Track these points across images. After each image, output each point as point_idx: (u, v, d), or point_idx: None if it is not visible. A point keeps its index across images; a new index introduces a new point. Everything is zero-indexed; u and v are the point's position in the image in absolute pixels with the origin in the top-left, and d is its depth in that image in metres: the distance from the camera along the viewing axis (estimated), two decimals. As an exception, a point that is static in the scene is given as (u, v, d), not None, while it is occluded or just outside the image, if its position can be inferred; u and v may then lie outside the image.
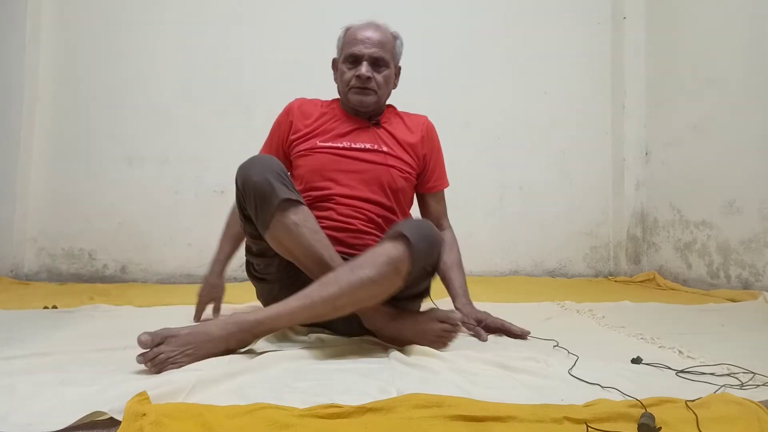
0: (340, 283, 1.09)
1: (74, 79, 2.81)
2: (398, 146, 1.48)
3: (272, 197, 1.13)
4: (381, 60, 1.44)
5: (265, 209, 1.15)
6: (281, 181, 1.16)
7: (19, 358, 1.09)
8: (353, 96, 1.44)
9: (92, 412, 0.75)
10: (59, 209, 2.76)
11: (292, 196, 1.16)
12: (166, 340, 1.00)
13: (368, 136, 1.46)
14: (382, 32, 1.46)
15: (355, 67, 1.43)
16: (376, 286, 1.10)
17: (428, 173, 1.54)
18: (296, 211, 1.15)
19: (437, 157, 1.56)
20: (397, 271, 1.10)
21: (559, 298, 2.07)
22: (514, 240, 3.08)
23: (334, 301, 1.08)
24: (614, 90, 3.19)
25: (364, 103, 1.45)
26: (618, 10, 3.17)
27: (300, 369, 1.03)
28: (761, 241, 2.30)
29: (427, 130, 1.54)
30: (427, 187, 1.55)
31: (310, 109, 1.51)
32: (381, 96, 1.47)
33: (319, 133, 1.46)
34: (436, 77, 3.04)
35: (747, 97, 2.39)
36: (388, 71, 1.46)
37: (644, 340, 1.37)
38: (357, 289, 1.08)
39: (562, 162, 3.16)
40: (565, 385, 0.95)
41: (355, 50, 1.43)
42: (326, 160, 1.42)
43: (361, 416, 0.76)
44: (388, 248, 1.11)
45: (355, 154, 1.42)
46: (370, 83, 1.42)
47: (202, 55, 2.88)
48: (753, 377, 1.00)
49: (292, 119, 1.49)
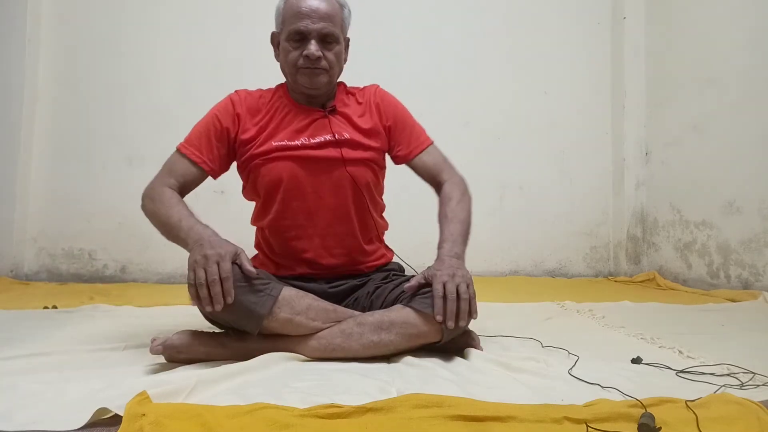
0: (363, 340, 1.08)
1: (74, 79, 2.81)
2: (358, 132, 1.32)
3: (252, 316, 1.05)
4: (330, 35, 1.25)
5: (247, 325, 1.07)
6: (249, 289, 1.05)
7: (20, 358, 1.10)
8: (302, 78, 1.26)
9: (97, 409, 0.75)
10: (59, 209, 2.76)
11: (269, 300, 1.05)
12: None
13: (325, 127, 1.30)
14: (328, 1, 1.26)
15: (301, 45, 1.24)
16: (397, 350, 1.10)
17: (400, 139, 1.37)
18: (281, 306, 1.07)
19: (403, 120, 1.38)
20: (424, 342, 1.11)
21: (559, 298, 2.07)
22: (514, 240, 3.08)
23: (354, 353, 1.09)
24: (614, 90, 3.19)
25: (314, 84, 1.27)
26: (618, 10, 3.17)
27: (300, 369, 1.03)
28: (761, 241, 2.30)
29: (380, 99, 1.37)
30: (406, 153, 1.37)
31: (255, 103, 1.34)
32: (333, 75, 1.30)
33: (272, 131, 1.29)
34: (436, 77, 3.04)
35: (747, 97, 2.39)
36: (339, 47, 1.28)
37: (644, 340, 1.37)
38: (378, 348, 1.09)
39: (562, 162, 3.16)
40: (565, 385, 0.95)
41: (300, 26, 1.23)
42: (287, 174, 1.26)
43: (361, 416, 0.76)
44: (421, 323, 1.08)
45: (315, 154, 1.27)
46: (320, 63, 1.24)
47: (202, 55, 2.88)
48: (753, 377, 1.00)
49: (239, 112, 1.31)
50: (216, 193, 2.68)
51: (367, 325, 1.09)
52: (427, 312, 1.08)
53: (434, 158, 1.37)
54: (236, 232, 1.33)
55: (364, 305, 1.27)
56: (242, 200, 1.43)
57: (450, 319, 1.06)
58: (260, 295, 1.06)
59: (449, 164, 1.39)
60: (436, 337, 1.10)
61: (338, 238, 1.32)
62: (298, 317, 1.08)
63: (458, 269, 1.13)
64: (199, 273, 1.02)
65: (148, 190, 1.27)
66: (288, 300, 1.08)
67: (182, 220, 1.16)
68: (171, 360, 1.07)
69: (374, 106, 1.36)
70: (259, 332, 1.08)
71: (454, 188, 1.32)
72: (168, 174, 1.28)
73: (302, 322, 1.08)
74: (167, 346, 1.06)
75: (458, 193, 1.31)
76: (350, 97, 1.38)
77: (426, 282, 1.13)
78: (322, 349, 1.09)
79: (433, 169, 1.36)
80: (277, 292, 1.08)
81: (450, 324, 1.06)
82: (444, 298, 1.07)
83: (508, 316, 1.71)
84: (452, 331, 1.10)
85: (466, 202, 1.31)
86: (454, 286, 1.08)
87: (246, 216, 1.43)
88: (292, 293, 1.10)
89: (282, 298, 1.07)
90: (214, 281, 1.01)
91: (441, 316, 1.06)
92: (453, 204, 1.28)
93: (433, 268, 1.14)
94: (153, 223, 1.23)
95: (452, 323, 1.06)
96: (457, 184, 1.34)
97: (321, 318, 1.10)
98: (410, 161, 1.37)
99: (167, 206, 1.20)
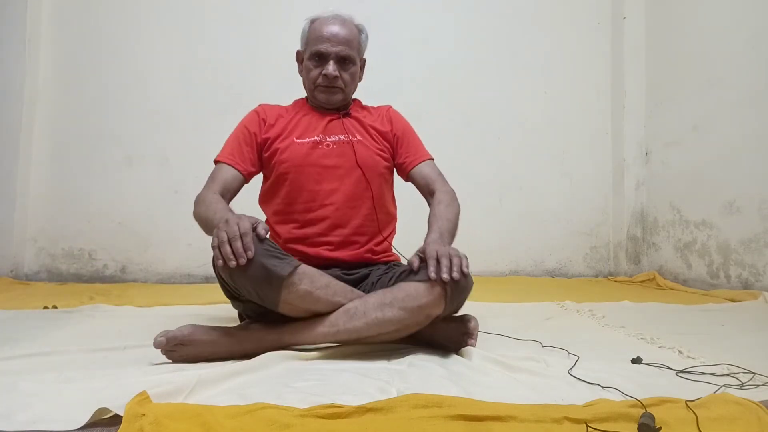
0: (367, 318, 1.10)
1: (74, 79, 2.81)
2: (368, 135, 1.47)
3: (272, 280, 1.07)
4: (348, 58, 1.42)
5: (268, 294, 1.09)
6: (270, 254, 1.09)
7: (20, 358, 1.10)
8: (320, 95, 1.44)
9: (97, 409, 0.75)
10: (59, 209, 2.76)
11: (289, 267, 1.09)
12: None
13: (339, 127, 1.45)
14: (347, 28, 1.43)
15: (321, 65, 1.42)
16: (402, 327, 1.12)
17: (403, 151, 1.50)
18: (301, 278, 1.10)
19: (408, 134, 1.52)
20: (428, 317, 1.12)
21: (559, 298, 2.07)
22: (514, 240, 3.08)
23: (359, 332, 1.11)
24: (614, 90, 3.19)
25: (330, 101, 1.45)
26: (618, 10, 3.18)
27: (300, 369, 1.03)
28: (761, 241, 2.30)
29: (391, 116, 1.53)
30: (406, 164, 1.49)
31: (277, 112, 1.50)
32: (348, 93, 1.47)
33: (292, 129, 1.44)
34: (436, 77, 3.04)
35: (747, 98, 2.39)
36: (354, 68, 1.46)
37: (644, 340, 1.37)
38: (383, 326, 1.11)
39: (562, 162, 3.16)
40: (565, 385, 0.95)
41: (321, 48, 1.40)
42: (306, 160, 1.39)
43: (361, 416, 0.76)
44: (422, 292, 1.10)
45: (331, 148, 1.41)
46: (336, 82, 1.42)
47: (202, 55, 2.88)
48: (753, 377, 1.00)
49: (264, 118, 1.47)
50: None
51: (370, 303, 1.12)
52: (426, 281, 1.10)
53: (430, 170, 1.48)
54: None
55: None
56: (242, 201, 1.43)
57: (444, 273, 1.08)
58: (281, 261, 1.09)
59: (443, 179, 1.48)
60: (439, 307, 1.11)
61: (348, 229, 1.39)
62: (318, 291, 1.11)
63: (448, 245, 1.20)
64: (221, 234, 1.06)
65: (197, 198, 1.34)
66: (309, 274, 1.12)
67: (217, 213, 1.23)
68: (175, 356, 1.07)
69: (386, 118, 1.52)
70: (275, 314, 1.12)
71: (444, 195, 1.40)
72: (211, 182, 1.38)
73: (322, 296, 1.12)
74: (171, 338, 1.07)
75: (447, 198, 1.39)
76: (364, 111, 1.53)
77: (422, 259, 1.16)
78: (326, 332, 1.11)
79: (428, 179, 1.46)
80: (297, 263, 1.11)
81: (445, 276, 1.08)
82: (438, 260, 1.11)
83: (508, 316, 1.71)
84: (454, 300, 1.12)
85: (455, 207, 1.38)
86: (446, 250, 1.13)
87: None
88: (311, 270, 1.14)
89: (302, 270, 1.11)
90: (234, 237, 1.05)
91: (435, 274, 1.09)
92: (442, 207, 1.36)
93: (424, 245, 1.19)
94: (200, 224, 1.29)
95: (447, 275, 1.08)
96: (447, 193, 1.42)
97: (341, 294, 1.14)
98: (409, 171, 1.48)
99: (207, 205, 1.28)
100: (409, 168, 1.48)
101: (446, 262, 1.10)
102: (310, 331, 1.12)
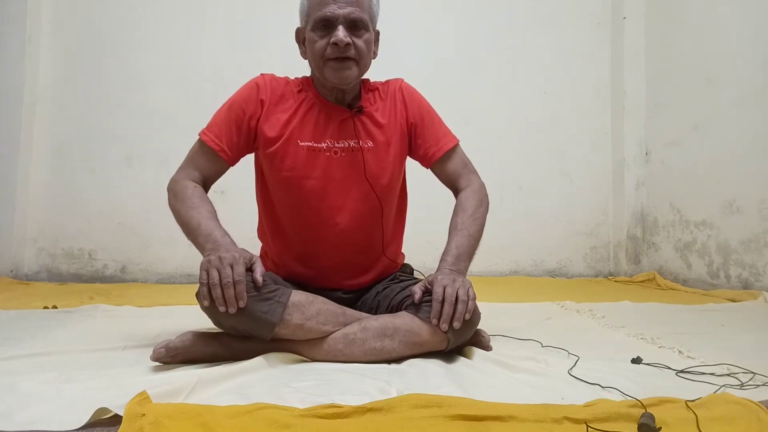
0: (365, 347, 1.07)
1: (74, 79, 2.81)
2: (381, 137, 1.27)
3: (261, 326, 1.03)
4: (359, 21, 1.16)
5: (257, 334, 1.05)
6: (260, 297, 1.03)
7: (20, 358, 1.10)
8: (330, 72, 1.18)
9: (97, 409, 0.75)
10: (59, 209, 2.76)
11: (279, 309, 1.03)
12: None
13: (350, 130, 1.25)
14: None
15: (328, 33, 1.16)
16: (401, 356, 1.09)
17: (421, 142, 1.31)
18: (291, 313, 1.04)
19: (426, 118, 1.33)
20: (427, 351, 1.09)
21: (559, 298, 2.06)
22: (514, 240, 3.08)
23: (356, 359, 1.07)
24: (614, 90, 3.19)
25: (343, 78, 1.18)
26: (618, 11, 3.17)
27: (300, 369, 1.03)
28: (761, 241, 2.29)
29: (404, 98, 1.32)
30: (430, 155, 1.31)
31: (281, 89, 1.26)
32: (362, 67, 1.21)
33: (297, 129, 1.23)
34: (436, 77, 3.04)
35: (747, 97, 2.39)
36: (369, 35, 1.20)
37: (644, 340, 1.37)
38: (381, 354, 1.08)
39: (562, 162, 3.16)
40: (565, 385, 0.95)
41: (326, 12, 1.14)
42: (311, 172, 1.23)
43: (361, 416, 0.76)
44: (425, 332, 1.07)
45: (339, 156, 1.24)
46: (349, 51, 1.16)
47: (202, 55, 2.88)
48: (753, 377, 1.00)
49: (263, 97, 1.24)
50: (216, 193, 2.67)
51: (371, 331, 1.08)
52: (432, 322, 1.07)
53: (454, 163, 1.33)
54: (236, 232, 1.32)
55: (371, 306, 1.28)
56: (242, 200, 1.43)
57: (445, 321, 1.05)
58: (269, 304, 1.04)
59: (469, 169, 1.34)
60: (440, 347, 1.10)
61: (353, 247, 1.29)
62: (309, 322, 1.06)
63: (458, 277, 1.13)
64: (212, 273, 0.99)
65: (172, 183, 1.23)
66: (298, 305, 1.06)
67: (201, 224, 1.12)
68: (174, 362, 1.06)
69: (399, 102, 1.31)
70: None
71: (470, 198, 1.28)
72: (190, 164, 1.26)
73: (312, 327, 1.06)
74: (170, 349, 1.05)
75: (473, 202, 1.27)
76: (375, 95, 1.32)
77: (428, 289, 1.11)
78: (325, 354, 1.08)
79: (451, 175, 1.33)
80: (286, 299, 1.05)
81: (444, 326, 1.05)
82: (443, 302, 1.06)
83: (508, 316, 1.71)
84: (458, 339, 1.10)
85: (481, 214, 1.27)
86: (453, 290, 1.08)
87: (246, 216, 1.43)
88: (301, 298, 1.08)
89: (292, 303, 1.05)
90: (228, 284, 0.98)
91: (436, 320, 1.06)
92: (465, 216, 1.24)
93: (434, 275, 1.14)
94: (176, 219, 1.19)
95: (446, 326, 1.05)
96: (475, 192, 1.29)
97: (331, 322, 1.09)
98: (430, 167, 1.34)
99: (188, 206, 1.16)
100: (430, 163, 1.32)
101: (449, 310, 1.05)
102: (308, 350, 1.09)
